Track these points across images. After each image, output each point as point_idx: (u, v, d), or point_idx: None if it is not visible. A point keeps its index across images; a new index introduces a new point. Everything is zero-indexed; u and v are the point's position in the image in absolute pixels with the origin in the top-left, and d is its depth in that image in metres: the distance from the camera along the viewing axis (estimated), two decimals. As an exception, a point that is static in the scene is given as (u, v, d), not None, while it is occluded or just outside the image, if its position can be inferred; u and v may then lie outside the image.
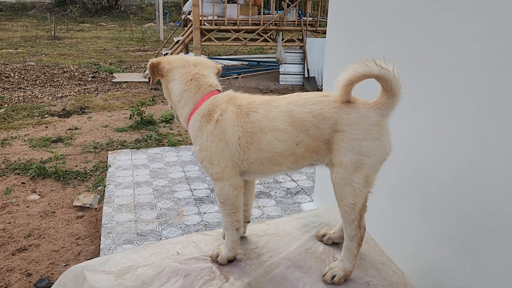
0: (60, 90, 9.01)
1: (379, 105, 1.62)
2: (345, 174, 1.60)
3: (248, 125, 1.66)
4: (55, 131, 6.57)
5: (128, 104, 8.14)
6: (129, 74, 10.83)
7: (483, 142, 1.91)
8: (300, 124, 1.62)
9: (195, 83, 1.79)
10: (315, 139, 1.63)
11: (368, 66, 1.53)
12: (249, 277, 1.67)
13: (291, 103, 1.66)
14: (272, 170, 1.72)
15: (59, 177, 4.95)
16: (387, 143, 1.63)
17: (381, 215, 2.63)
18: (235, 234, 1.77)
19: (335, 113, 1.60)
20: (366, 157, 1.59)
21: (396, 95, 1.61)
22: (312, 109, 1.62)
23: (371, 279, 1.70)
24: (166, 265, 1.74)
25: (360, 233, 1.69)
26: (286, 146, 1.64)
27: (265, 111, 1.67)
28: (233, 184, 1.70)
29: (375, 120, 1.60)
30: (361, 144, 1.58)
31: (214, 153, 1.68)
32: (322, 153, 1.66)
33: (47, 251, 3.64)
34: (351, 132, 1.58)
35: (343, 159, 1.59)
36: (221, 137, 1.67)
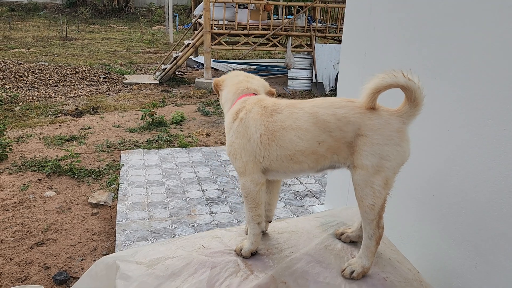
0: (73, 90, 9.16)
1: (401, 113, 1.71)
2: (366, 176, 1.70)
3: (271, 124, 1.78)
4: (68, 130, 6.70)
5: (139, 105, 8.26)
6: (139, 75, 10.97)
7: (496, 150, 2.00)
8: (324, 126, 1.72)
9: (236, 87, 2.00)
10: (337, 140, 1.72)
11: (396, 76, 1.62)
12: (272, 270, 1.77)
13: (316, 106, 1.77)
14: (293, 168, 1.80)
15: (74, 174, 5.06)
16: (406, 149, 1.73)
17: (394, 217, 2.71)
18: (256, 227, 1.87)
19: (359, 118, 1.69)
20: (387, 161, 1.69)
21: (418, 106, 1.70)
22: (336, 112, 1.71)
23: (388, 276, 1.79)
24: (194, 257, 1.84)
25: (378, 232, 1.78)
26: (307, 145, 1.73)
27: (289, 112, 1.78)
28: (254, 180, 1.81)
29: (396, 127, 1.69)
30: (382, 149, 1.68)
31: (238, 148, 1.82)
32: (343, 155, 1.75)
33: (64, 245, 3.74)
34: (373, 137, 1.68)
35: (365, 162, 1.69)
36: (244, 133, 1.80)
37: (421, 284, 1.81)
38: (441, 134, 2.34)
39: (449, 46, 2.28)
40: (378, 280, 1.76)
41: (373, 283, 1.75)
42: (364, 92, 1.68)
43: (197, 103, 8.72)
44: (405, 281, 1.79)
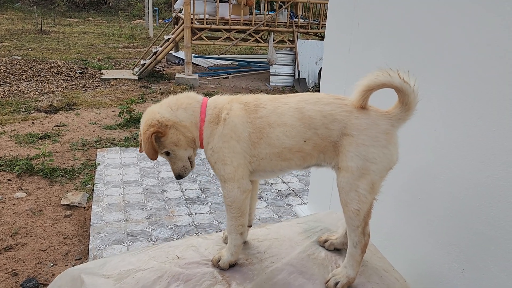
0: (47, 86, 8.85)
1: (390, 115, 1.63)
2: (350, 179, 1.60)
3: (257, 120, 1.67)
4: (42, 127, 6.44)
5: (117, 102, 8.03)
6: (118, 71, 10.69)
7: (485, 151, 1.92)
8: (309, 122, 1.63)
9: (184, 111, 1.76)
10: (323, 139, 1.63)
11: (391, 76, 1.53)
12: (251, 283, 1.65)
13: (302, 101, 1.67)
14: (281, 166, 1.71)
15: (47, 174, 4.85)
16: (394, 152, 1.64)
17: (379, 220, 2.62)
18: (238, 238, 1.74)
19: (346, 117, 1.61)
20: (372, 163, 1.59)
21: (410, 110, 1.62)
22: (323, 109, 1.63)
23: (374, 286, 1.69)
24: (167, 269, 1.71)
25: (364, 239, 1.68)
26: (294, 142, 1.64)
27: (273, 107, 1.68)
28: (242, 186, 1.68)
29: (384, 128, 1.61)
30: (368, 150, 1.59)
31: (227, 153, 1.67)
32: (329, 155, 1.66)
33: (34, 250, 3.55)
34: (359, 137, 1.59)
35: (349, 164, 1.60)
36: (232, 135, 1.67)
37: (408, 295, 1.72)
38: (428, 134, 2.25)
39: (436, 43, 2.19)
40: (363, 292, 1.67)
41: (358, 295, 1.65)
42: (355, 90, 1.59)
43: (177, 100, 8.51)
44: (392, 292, 1.70)
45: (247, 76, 11.52)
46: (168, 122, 1.71)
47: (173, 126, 1.72)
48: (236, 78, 11.16)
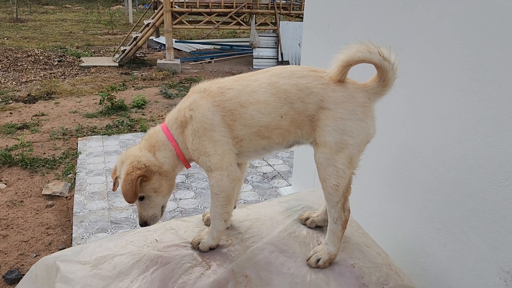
0: (25, 75, 8.62)
1: (368, 88, 1.60)
2: (328, 154, 1.57)
3: (226, 103, 1.60)
4: (20, 118, 6.29)
5: (98, 89, 7.87)
6: (97, 58, 10.47)
7: (464, 122, 1.90)
8: (284, 96, 1.58)
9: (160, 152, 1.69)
10: (300, 113, 1.59)
11: (370, 53, 1.50)
12: (232, 263, 1.62)
13: (274, 75, 1.61)
14: (263, 145, 1.66)
15: (26, 165, 4.75)
16: (371, 125, 1.61)
17: (363, 197, 2.62)
18: (223, 224, 1.70)
19: (322, 89, 1.57)
20: (350, 137, 1.56)
21: (388, 86, 1.60)
22: (298, 82, 1.58)
23: (356, 262, 1.68)
24: (145, 253, 1.67)
25: (344, 215, 1.66)
26: (270, 119, 1.59)
27: (241, 86, 1.61)
28: (231, 174, 1.62)
29: (361, 101, 1.58)
30: (345, 124, 1.55)
31: (207, 145, 1.60)
32: (306, 130, 1.62)
33: (16, 241, 3.49)
34: (336, 111, 1.55)
35: (327, 139, 1.56)
36: (204, 126, 1.60)
37: (390, 268, 1.71)
38: (408, 107, 2.23)
39: (415, 15, 2.15)
40: (345, 267, 1.65)
41: (340, 271, 1.64)
42: (334, 64, 1.54)
43: (159, 86, 8.39)
44: (374, 266, 1.68)
45: (230, 60, 11.39)
46: (154, 168, 1.66)
47: (158, 172, 1.67)
48: (219, 62, 11.03)
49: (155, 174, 1.66)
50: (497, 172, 1.76)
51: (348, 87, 1.58)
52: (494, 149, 1.76)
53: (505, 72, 1.69)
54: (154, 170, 1.66)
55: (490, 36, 1.75)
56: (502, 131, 1.72)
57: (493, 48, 1.74)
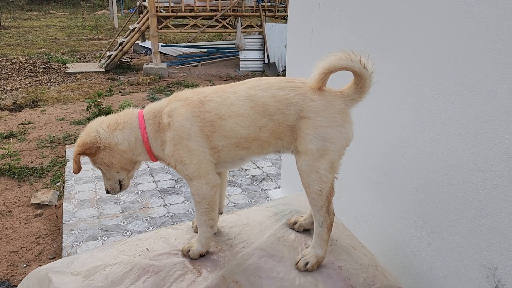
0: (10, 83, 8.54)
1: (344, 95, 1.66)
2: (311, 161, 1.62)
3: (206, 114, 1.62)
4: (6, 126, 6.24)
5: (84, 96, 7.84)
6: (83, 64, 10.41)
7: (444, 124, 1.96)
8: (263, 109, 1.61)
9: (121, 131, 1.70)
10: (279, 124, 1.63)
11: (352, 61, 1.56)
12: (222, 270, 1.65)
13: (252, 88, 1.64)
14: (241, 155, 1.70)
15: (14, 174, 4.71)
16: (349, 130, 1.67)
17: (348, 199, 2.67)
18: (209, 231, 1.73)
19: (301, 100, 1.61)
20: (331, 143, 1.62)
21: (364, 93, 1.66)
22: (276, 94, 1.62)
23: (343, 264, 1.72)
24: (136, 263, 1.69)
25: (329, 218, 1.70)
26: (249, 131, 1.62)
27: (221, 98, 1.64)
28: (210, 182, 1.65)
29: (339, 108, 1.63)
30: (326, 131, 1.61)
31: (183, 154, 1.63)
32: (286, 140, 1.66)
33: (5, 252, 3.47)
34: (316, 119, 1.60)
35: (309, 147, 1.61)
36: (181, 135, 1.62)
37: (376, 269, 1.76)
38: (390, 111, 2.29)
39: (395, 21, 2.21)
40: (333, 270, 1.70)
41: (328, 273, 1.68)
42: (315, 71, 1.59)
43: (146, 90, 8.38)
44: (360, 268, 1.73)
45: (216, 63, 11.41)
46: (101, 144, 1.67)
47: (107, 148, 1.68)
48: (206, 65, 11.04)
49: (103, 150, 1.68)
50: (476, 172, 1.82)
51: (325, 95, 1.63)
52: (473, 150, 1.83)
53: (481, 76, 1.76)
54: (102, 147, 1.67)
55: (468, 43, 1.81)
56: (480, 132, 1.79)
57: (470, 53, 1.80)
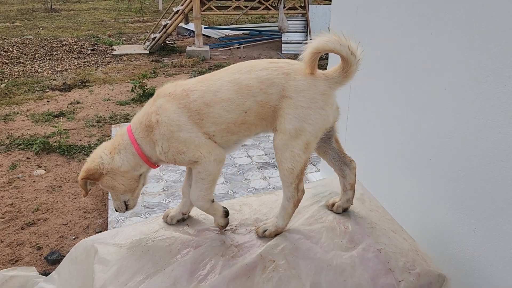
0: (60, 64, 8.91)
1: (328, 77, 1.66)
2: (286, 140, 1.63)
3: (192, 104, 1.63)
4: (57, 106, 6.53)
5: (129, 77, 8.05)
6: (129, 46, 10.67)
7: (495, 108, 1.86)
8: (247, 91, 1.62)
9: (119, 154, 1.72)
10: (263, 105, 1.64)
11: (340, 45, 1.56)
12: (260, 249, 1.67)
13: (235, 72, 1.66)
14: (233, 140, 1.71)
15: (64, 151, 4.94)
16: (330, 113, 1.66)
17: (390, 184, 2.62)
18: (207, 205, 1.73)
19: (283, 79, 1.62)
20: (309, 124, 1.62)
21: (348, 78, 1.66)
22: (258, 75, 1.63)
23: (382, 247, 1.70)
24: (177, 237, 1.74)
25: (297, 195, 1.72)
26: (235, 115, 1.64)
27: (205, 87, 1.66)
28: (218, 158, 1.67)
29: (321, 89, 1.63)
30: (306, 112, 1.61)
31: (178, 145, 1.64)
32: (269, 120, 1.67)
33: (56, 225, 3.66)
34: (297, 99, 1.61)
35: (287, 126, 1.62)
36: (171, 129, 1.63)
37: (417, 254, 1.72)
38: (437, 94, 2.20)
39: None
40: (372, 252, 1.67)
41: (367, 256, 1.66)
42: (306, 50, 1.59)
43: (189, 72, 8.50)
44: (400, 252, 1.70)
45: (259, 45, 11.36)
46: (104, 170, 1.71)
47: (110, 173, 1.72)
48: (248, 48, 11.02)
49: (106, 175, 1.71)
50: (529, 159, 1.73)
51: (308, 76, 1.63)
52: (526, 135, 1.73)
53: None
54: (104, 172, 1.71)
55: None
56: (535, 116, 1.68)
57: (527, 31, 1.69)
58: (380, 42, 2.67)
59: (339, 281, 1.57)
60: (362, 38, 2.62)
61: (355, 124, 3.08)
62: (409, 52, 2.40)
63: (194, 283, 1.53)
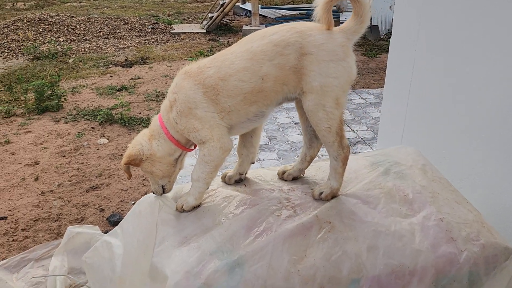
0: (122, 42, 9.27)
1: (345, 29, 1.64)
2: (316, 99, 1.62)
3: (207, 80, 1.64)
4: (119, 80, 6.82)
5: (187, 55, 8.23)
6: (187, 25, 10.88)
7: None
8: (262, 56, 1.61)
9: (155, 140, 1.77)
10: (281, 67, 1.61)
11: None
12: (316, 210, 1.67)
13: (248, 42, 1.66)
14: (252, 111, 1.69)
15: (125, 123, 5.17)
16: (352, 65, 1.65)
17: (453, 160, 2.50)
18: (204, 187, 1.76)
19: (299, 37, 1.60)
20: (334, 78, 1.60)
21: (364, 22, 1.64)
22: (272, 39, 1.61)
23: (445, 216, 1.64)
24: (234, 196, 1.78)
25: (343, 152, 1.70)
26: (252, 84, 1.62)
27: (220, 62, 1.66)
28: (224, 146, 1.68)
29: (340, 41, 1.62)
30: (328, 66, 1.59)
31: (194, 122, 1.66)
32: (292, 84, 1.65)
33: (117, 190, 3.86)
34: (318, 54, 1.59)
35: (313, 84, 1.60)
36: (187, 105, 1.65)
37: (482, 226, 1.65)
38: (508, 65, 2.06)
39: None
40: (433, 221, 1.62)
41: (427, 224, 1.61)
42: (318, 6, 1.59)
43: (244, 51, 8.53)
44: (464, 222, 1.63)
45: (315, 25, 11.14)
46: (143, 156, 1.77)
47: (148, 159, 1.77)
48: (304, 27, 10.84)
49: (145, 161, 1.77)
50: None
51: (324, 30, 1.61)
52: None
53: None
54: (144, 158, 1.76)
55: None
56: None
57: None
58: (447, 16, 2.53)
59: (397, 246, 1.54)
60: (429, 18, 2.51)
61: (418, 98, 2.96)
62: (478, 21, 2.26)
63: (251, 237, 1.56)
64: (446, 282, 1.52)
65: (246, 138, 1.90)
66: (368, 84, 6.74)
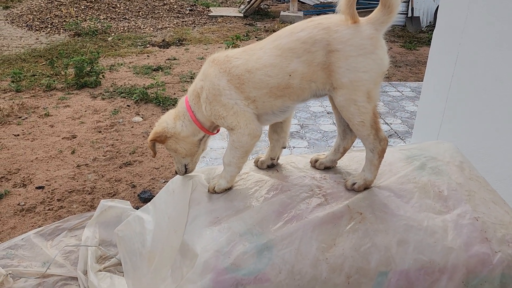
0: (160, 22, 9.37)
1: (372, 20, 1.60)
2: (347, 95, 1.60)
3: (233, 69, 1.67)
4: (155, 60, 6.91)
5: (223, 38, 8.24)
6: (225, 8, 10.87)
7: None
8: (290, 53, 1.61)
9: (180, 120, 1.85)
10: (309, 65, 1.60)
11: None
12: (348, 200, 1.66)
13: (276, 39, 1.66)
14: (277, 105, 1.71)
15: (159, 102, 5.26)
16: (383, 56, 1.60)
17: (494, 158, 2.43)
18: (236, 171, 1.80)
19: (325, 34, 1.58)
20: (364, 73, 1.57)
21: (393, 12, 1.58)
22: (299, 37, 1.60)
23: (480, 216, 1.60)
24: (266, 180, 1.80)
25: (380, 145, 1.68)
26: (279, 79, 1.63)
27: (248, 55, 1.68)
28: (252, 132, 1.70)
29: (367, 34, 1.57)
30: (357, 61, 1.56)
31: (219, 108, 1.70)
32: (321, 81, 1.63)
33: (149, 167, 3.95)
34: (345, 50, 1.56)
35: (343, 80, 1.58)
36: (213, 92, 1.69)
37: (519, 229, 1.60)
38: None
39: None
40: (468, 219, 1.58)
41: (461, 222, 1.58)
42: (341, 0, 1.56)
43: (280, 37, 8.46)
44: (500, 223, 1.59)
45: (354, 14, 10.92)
46: (168, 134, 1.86)
47: (173, 137, 1.86)
48: (343, 16, 10.65)
49: (170, 139, 1.86)
50: None
51: (350, 24, 1.57)
52: None
53: None
54: (169, 136, 1.85)
55: None
56: None
57: None
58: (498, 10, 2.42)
59: (428, 242, 1.52)
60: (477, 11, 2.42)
61: (458, 94, 2.87)
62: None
63: (281, 222, 1.58)
64: (477, 282, 1.49)
65: (276, 123, 1.91)
66: (405, 77, 6.58)
